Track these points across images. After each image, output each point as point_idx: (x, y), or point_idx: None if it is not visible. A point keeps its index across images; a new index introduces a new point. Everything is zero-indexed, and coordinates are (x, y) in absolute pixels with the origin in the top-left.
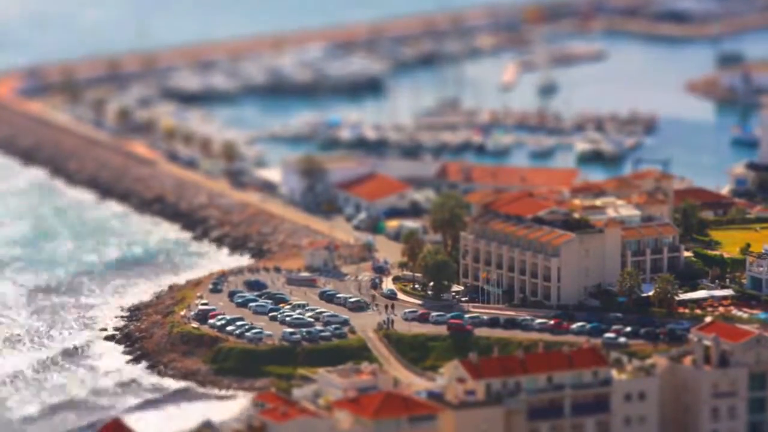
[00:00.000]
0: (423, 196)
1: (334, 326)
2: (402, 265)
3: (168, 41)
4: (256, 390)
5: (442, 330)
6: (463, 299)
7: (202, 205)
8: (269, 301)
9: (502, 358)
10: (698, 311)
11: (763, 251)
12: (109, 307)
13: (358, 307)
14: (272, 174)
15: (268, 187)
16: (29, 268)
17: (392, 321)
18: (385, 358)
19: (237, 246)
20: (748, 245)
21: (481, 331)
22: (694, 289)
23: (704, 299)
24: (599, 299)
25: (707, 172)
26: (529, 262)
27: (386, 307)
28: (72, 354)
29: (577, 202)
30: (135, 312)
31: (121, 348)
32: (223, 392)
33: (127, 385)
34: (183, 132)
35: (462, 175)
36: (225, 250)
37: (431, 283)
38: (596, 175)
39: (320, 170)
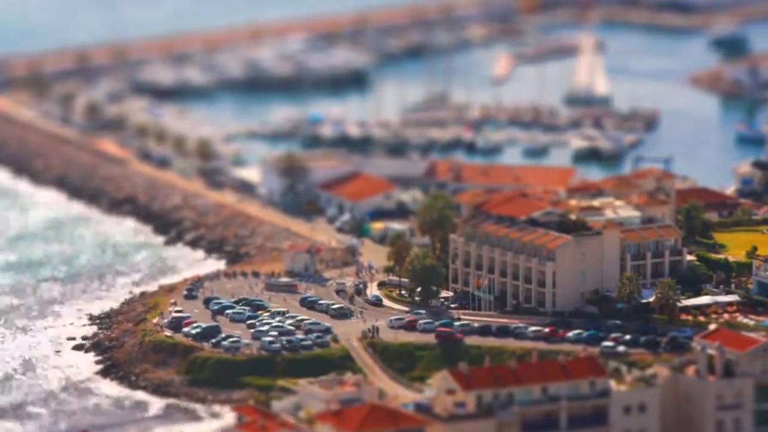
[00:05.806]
0: (410, 197)
1: (315, 334)
2: (388, 270)
3: (140, 32)
4: (234, 402)
5: (431, 338)
6: (453, 306)
7: (176, 206)
8: (247, 308)
9: (493, 368)
10: (702, 318)
11: None
12: (77, 315)
13: (341, 314)
14: (250, 173)
15: (245, 188)
16: None
17: (377, 329)
18: (369, 369)
19: (213, 249)
20: (755, 248)
21: (472, 340)
22: (697, 294)
23: (708, 305)
24: (597, 306)
25: (711, 171)
26: (523, 267)
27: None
28: (37, 364)
29: (573, 202)
30: (105, 319)
31: (90, 357)
32: (199, 405)
33: (96, 398)
34: (155, 129)
35: (451, 174)
36: (200, 254)
37: (419, 289)
38: (594, 174)
39: (301, 169)
